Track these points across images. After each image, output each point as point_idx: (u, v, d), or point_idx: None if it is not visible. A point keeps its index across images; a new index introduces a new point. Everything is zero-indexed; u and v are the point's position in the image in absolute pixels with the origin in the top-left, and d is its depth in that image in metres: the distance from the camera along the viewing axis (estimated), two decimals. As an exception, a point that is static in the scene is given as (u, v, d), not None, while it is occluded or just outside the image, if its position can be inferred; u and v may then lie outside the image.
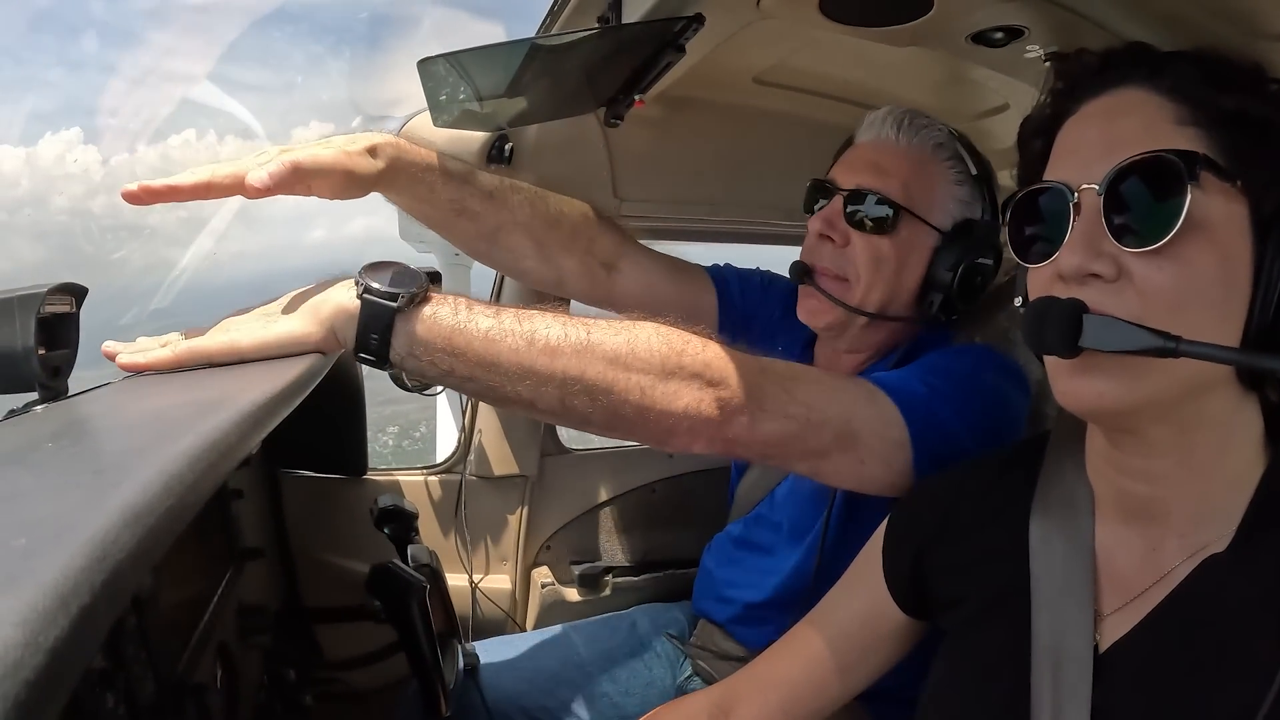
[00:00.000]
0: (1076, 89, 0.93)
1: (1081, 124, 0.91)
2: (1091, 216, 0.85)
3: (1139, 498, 0.94)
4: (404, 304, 1.04)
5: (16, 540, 0.45)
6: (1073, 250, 0.85)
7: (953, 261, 1.52)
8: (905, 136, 1.55)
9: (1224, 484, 0.89)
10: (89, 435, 0.91)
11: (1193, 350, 0.77)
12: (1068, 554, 0.97)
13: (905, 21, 1.37)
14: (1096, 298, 0.83)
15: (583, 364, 1.09)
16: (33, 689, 0.34)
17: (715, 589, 1.83)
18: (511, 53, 1.48)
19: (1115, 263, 0.83)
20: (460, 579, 2.30)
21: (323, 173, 1.23)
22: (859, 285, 1.53)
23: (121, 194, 1.13)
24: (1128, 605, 0.92)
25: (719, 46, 1.65)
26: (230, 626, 1.34)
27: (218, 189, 1.15)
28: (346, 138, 1.31)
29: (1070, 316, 0.83)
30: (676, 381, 1.13)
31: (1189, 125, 0.84)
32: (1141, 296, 0.82)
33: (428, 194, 1.45)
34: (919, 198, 1.52)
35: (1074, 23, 1.32)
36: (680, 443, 1.18)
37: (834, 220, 1.54)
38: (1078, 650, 0.92)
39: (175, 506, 0.53)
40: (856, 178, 1.54)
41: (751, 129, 2.22)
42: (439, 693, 1.50)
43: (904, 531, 1.18)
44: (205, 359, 1.06)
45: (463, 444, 2.36)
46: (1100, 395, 0.85)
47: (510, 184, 1.57)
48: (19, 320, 1.01)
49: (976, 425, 1.30)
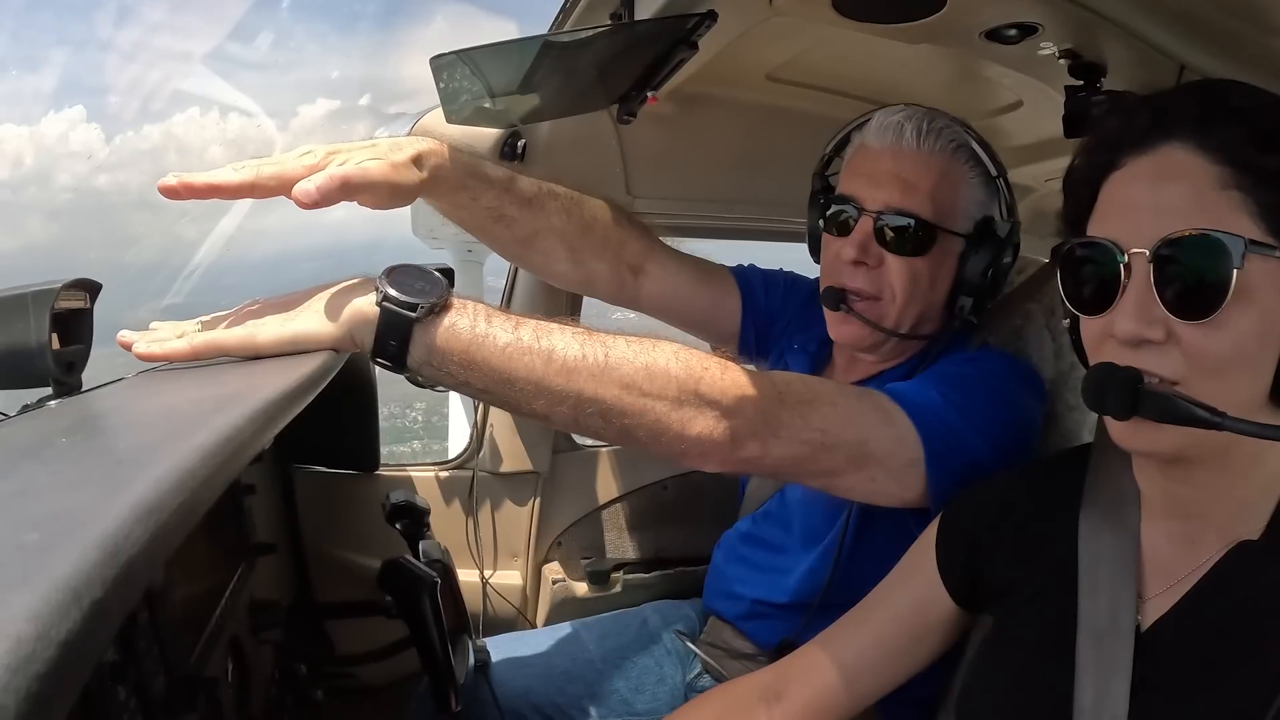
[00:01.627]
0: (1123, 143, 0.96)
1: (1129, 182, 0.95)
2: (1141, 282, 0.90)
3: (1182, 499, 1.01)
4: (423, 314, 1.03)
5: (30, 535, 0.45)
6: (1126, 316, 0.91)
7: (981, 267, 1.51)
8: (927, 143, 1.50)
9: (1260, 486, 0.96)
10: (102, 430, 0.91)
11: (1236, 427, 0.84)
12: (1115, 542, 1.04)
13: (919, 18, 1.37)
14: (1146, 359, 0.91)
15: (598, 386, 1.09)
16: (45, 682, 0.34)
17: (724, 585, 1.83)
18: (524, 50, 1.48)
19: (1165, 327, 0.89)
20: (471, 574, 2.30)
21: (370, 187, 1.20)
22: (894, 306, 1.52)
23: (159, 188, 1.10)
24: (1169, 589, 0.99)
25: (732, 43, 1.66)
26: (242, 621, 1.35)
27: (261, 189, 1.13)
28: (391, 143, 1.28)
29: (1128, 389, 0.90)
30: (691, 408, 1.13)
31: (1232, 189, 0.88)
32: (1188, 359, 0.89)
33: (469, 201, 1.45)
34: (945, 209, 1.50)
35: (1088, 19, 1.31)
36: (692, 463, 1.19)
37: (866, 245, 1.51)
38: (1122, 627, 0.98)
39: (188, 502, 0.53)
40: (882, 195, 1.50)
41: (764, 126, 2.22)
42: (450, 688, 1.50)
43: (960, 525, 1.22)
44: (221, 351, 1.07)
45: (475, 440, 2.37)
46: (1153, 443, 0.93)
47: (549, 189, 1.56)
48: (33, 316, 1.02)
49: (994, 437, 1.31)
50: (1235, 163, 0.88)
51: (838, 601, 1.35)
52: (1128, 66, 1.40)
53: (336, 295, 1.08)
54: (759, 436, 1.17)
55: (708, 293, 1.78)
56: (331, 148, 1.21)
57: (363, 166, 1.19)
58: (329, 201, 1.15)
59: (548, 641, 1.97)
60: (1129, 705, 0.94)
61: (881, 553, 1.31)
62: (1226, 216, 0.87)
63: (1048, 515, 1.12)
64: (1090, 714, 0.95)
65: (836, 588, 1.52)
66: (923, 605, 1.22)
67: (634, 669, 1.89)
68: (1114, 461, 1.08)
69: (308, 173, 1.13)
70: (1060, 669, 0.99)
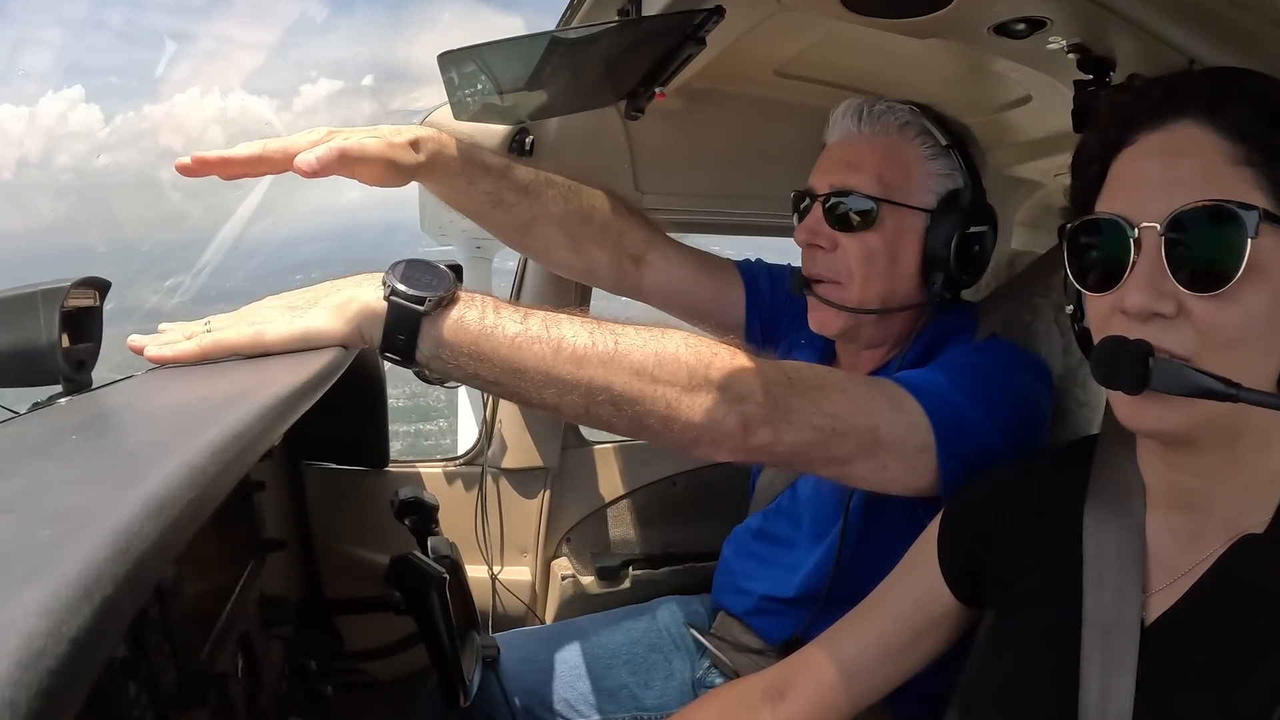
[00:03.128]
0: (1135, 119, 0.96)
1: (1140, 158, 0.94)
2: (1153, 255, 0.89)
3: (1186, 489, 0.99)
4: (430, 307, 1.05)
5: (41, 531, 0.45)
6: (1137, 289, 0.90)
7: (945, 237, 1.52)
8: (868, 125, 1.56)
9: (1265, 478, 0.95)
10: (112, 427, 0.92)
11: (1252, 398, 0.83)
12: (1120, 535, 1.02)
13: (926, 13, 1.36)
14: (1157, 334, 0.89)
15: (609, 374, 1.09)
16: (56, 678, 0.34)
17: (733, 581, 1.83)
18: (532, 46, 1.49)
19: (1176, 301, 0.88)
20: (480, 570, 2.31)
21: (367, 160, 1.30)
22: (854, 284, 1.54)
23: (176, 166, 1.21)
24: (1172, 584, 0.98)
25: (740, 38, 1.65)
26: (252, 617, 1.35)
27: (268, 162, 1.24)
28: (392, 128, 1.36)
29: (1139, 361, 0.88)
30: (702, 394, 1.13)
31: (1245, 165, 0.88)
32: (1199, 334, 0.87)
33: (466, 186, 1.50)
34: (896, 184, 1.53)
35: (1096, 14, 1.30)
36: (704, 452, 1.18)
37: (816, 227, 1.55)
38: (1127, 622, 0.97)
39: (198, 498, 0.53)
40: (830, 179, 1.55)
41: (773, 121, 2.22)
42: (458, 684, 1.51)
43: (961, 520, 1.21)
44: (230, 351, 1.07)
45: (484, 436, 2.37)
46: (1162, 421, 0.91)
47: (545, 178, 1.60)
48: (43, 314, 1.02)
49: (1005, 425, 1.30)
50: (1248, 139, 0.88)
51: (845, 595, 1.35)
52: (1137, 61, 1.39)
53: (344, 291, 1.09)
54: (770, 422, 1.16)
55: (711, 284, 1.78)
56: (335, 130, 1.31)
57: (361, 141, 1.29)
58: (328, 171, 1.26)
59: (557, 637, 1.97)
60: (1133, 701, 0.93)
61: (891, 545, 1.31)
62: (1240, 191, 0.86)
63: (1051, 507, 1.11)
64: (1096, 709, 0.95)
65: (843, 581, 1.52)
66: (924, 602, 1.22)
67: (643, 665, 1.89)
68: (1121, 452, 1.07)
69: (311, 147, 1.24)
70: (1066, 663, 0.99)
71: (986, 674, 1.12)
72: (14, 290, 1.05)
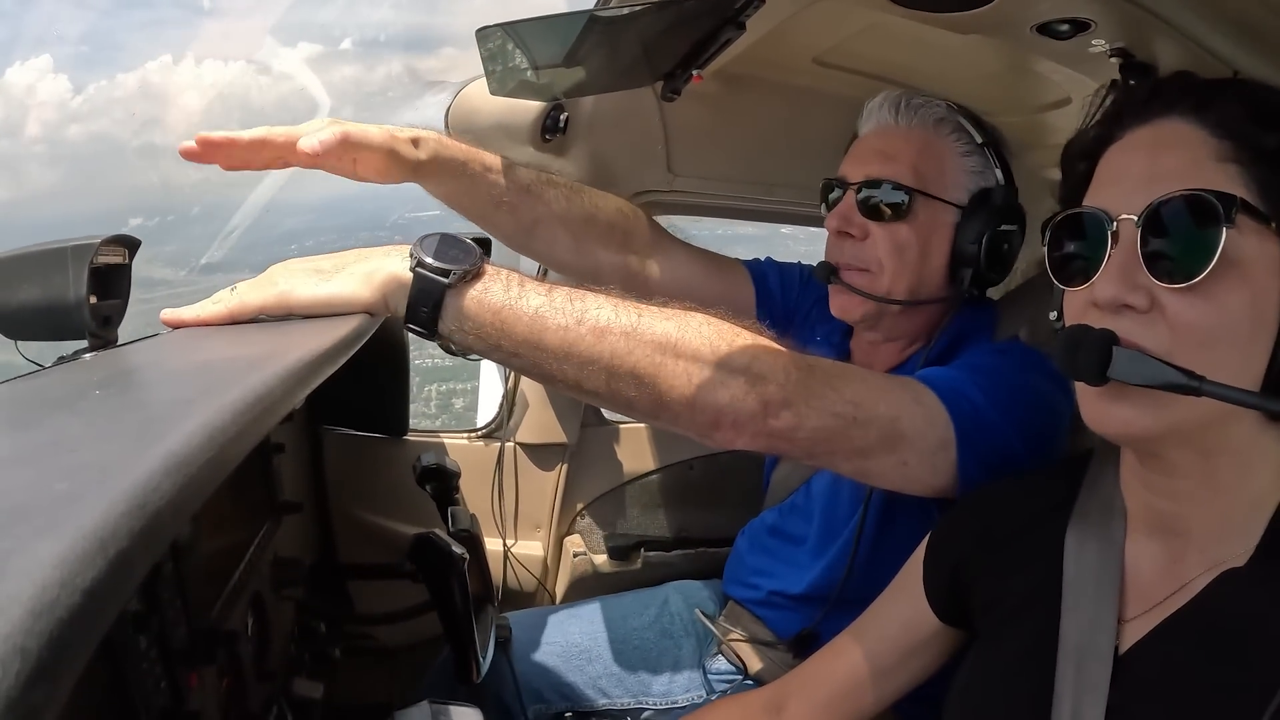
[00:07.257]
0: (1123, 115, 0.95)
1: (1125, 152, 0.94)
2: (1128, 247, 0.87)
3: (1163, 513, 0.97)
4: (455, 280, 1.06)
5: (60, 484, 0.46)
6: (1109, 280, 0.88)
7: (976, 234, 1.51)
8: (904, 118, 1.56)
9: (1245, 505, 0.91)
10: (135, 385, 0.92)
11: (1215, 391, 0.81)
12: (1100, 559, 1.00)
13: (970, 8, 1.35)
14: (1128, 328, 0.87)
15: (630, 346, 1.09)
16: (67, 628, 0.34)
17: (743, 573, 1.84)
18: (570, 24, 1.48)
19: (1149, 295, 0.86)
20: (494, 543, 2.32)
21: (369, 148, 1.33)
22: (884, 275, 1.53)
23: (180, 150, 1.23)
24: (1148, 612, 0.95)
25: (780, 24, 1.64)
26: (265, 577, 1.36)
27: (273, 145, 1.28)
28: (395, 127, 1.40)
29: (1101, 347, 0.86)
30: (724, 372, 1.13)
31: (1230, 162, 0.86)
32: (1172, 330, 0.85)
33: (468, 187, 1.51)
34: (930, 177, 1.52)
35: (1141, 18, 1.28)
36: (724, 436, 1.17)
37: (849, 215, 1.55)
38: (1100, 650, 0.95)
39: (217, 458, 0.53)
40: (864, 168, 1.55)
41: (810, 110, 2.20)
42: (473, 661, 1.52)
43: (945, 546, 1.20)
44: (256, 312, 1.08)
45: (505, 409, 2.38)
46: (1126, 423, 0.89)
47: (547, 178, 1.62)
48: (72, 270, 1.03)
49: (1024, 429, 1.29)
50: (1235, 137, 0.86)
51: (858, 596, 1.35)
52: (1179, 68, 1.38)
53: (372, 259, 1.10)
54: (792, 405, 1.16)
55: (719, 284, 1.78)
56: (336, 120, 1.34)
57: (363, 128, 1.33)
58: (330, 156, 1.29)
59: (568, 619, 1.98)
60: None
61: (906, 548, 1.30)
62: (1222, 185, 0.84)
63: (1038, 525, 1.09)
64: None
65: (857, 582, 1.52)
66: (910, 624, 1.22)
67: (653, 650, 1.90)
68: (1108, 474, 1.06)
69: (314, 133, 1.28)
70: (1040, 687, 0.96)
71: (965, 695, 1.11)
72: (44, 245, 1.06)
